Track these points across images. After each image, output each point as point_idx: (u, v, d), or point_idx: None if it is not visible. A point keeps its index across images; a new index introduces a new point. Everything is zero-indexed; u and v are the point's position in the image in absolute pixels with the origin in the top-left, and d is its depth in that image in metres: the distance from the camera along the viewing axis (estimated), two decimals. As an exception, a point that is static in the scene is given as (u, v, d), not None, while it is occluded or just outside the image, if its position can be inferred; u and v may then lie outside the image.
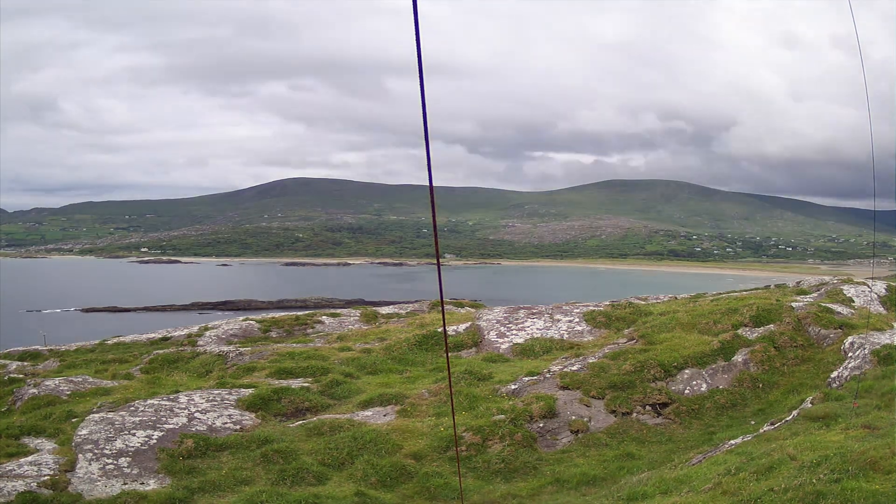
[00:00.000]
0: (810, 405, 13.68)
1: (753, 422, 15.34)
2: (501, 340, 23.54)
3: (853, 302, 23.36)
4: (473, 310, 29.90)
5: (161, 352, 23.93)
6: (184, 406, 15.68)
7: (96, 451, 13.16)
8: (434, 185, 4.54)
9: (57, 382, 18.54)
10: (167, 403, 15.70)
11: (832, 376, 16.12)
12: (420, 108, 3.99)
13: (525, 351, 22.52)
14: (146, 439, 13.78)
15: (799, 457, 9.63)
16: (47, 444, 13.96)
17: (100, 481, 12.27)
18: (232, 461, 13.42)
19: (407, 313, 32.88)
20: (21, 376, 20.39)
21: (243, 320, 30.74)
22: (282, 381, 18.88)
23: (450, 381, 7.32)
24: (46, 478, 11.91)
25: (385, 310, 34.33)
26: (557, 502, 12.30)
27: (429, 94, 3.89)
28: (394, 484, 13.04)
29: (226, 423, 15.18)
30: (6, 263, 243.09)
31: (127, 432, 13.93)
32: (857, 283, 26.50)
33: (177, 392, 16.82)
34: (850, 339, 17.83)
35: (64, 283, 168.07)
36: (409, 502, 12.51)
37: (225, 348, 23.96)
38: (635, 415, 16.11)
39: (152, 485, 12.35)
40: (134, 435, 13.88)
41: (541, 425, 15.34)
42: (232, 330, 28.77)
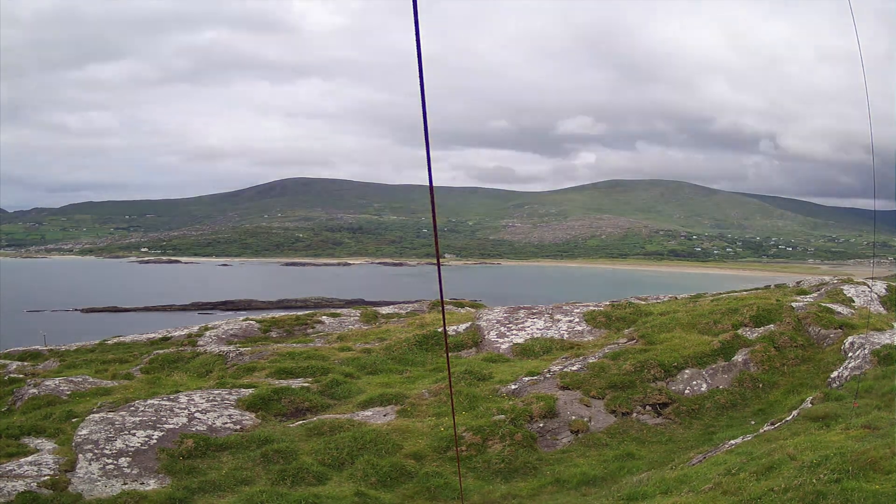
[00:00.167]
0: (810, 405, 13.68)
1: (753, 422, 15.34)
2: (501, 340, 23.54)
3: (853, 302, 23.36)
4: (473, 310, 29.91)
5: (161, 352, 23.95)
6: (184, 406, 15.68)
7: (96, 451, 13.17)
8: (434, 185, 4.56)
9: (57, 382, 18.55)
10: (167, 403, 15.71)
11: (832, 376, 16.12)
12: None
13: (525, 351, 22.52)
14: (146, 439, 13.79)
15: (799, 457, 9.63)
16: (47, 444, 13.96)
17: (100, 481, 12.27)
18: (232, 461, 13.43)
19: (407, 313, 32.89)
20: (21, 376, 20.42)
21: (243, 320, 30.75)
22: (282, 381, 18.89)
23: (450, 381, 7.32)
24: (46, 478, 11.92)
25: (385, 310, 34.35)
26: (558, 502, 12.31)
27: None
28: (394, 484, 13.04)
29: (226, 423, 15.18)
30: (6, 263, 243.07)
31: (127, 432, 13.94)
32: (857, 283, 26.50)
33: (177, 392, 16.82)
34: (850, 339, 17.83)
35: (64, 283, 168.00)
36: (409, 502, 12.51)
37: (225, 348, 23.96)
38: (635, 415, 16.11)
39: (152, 485, 12.36)
40: (134, 435, 13.88)
41: (541, 425, 15.35)
42: (232, 330, 28.78)
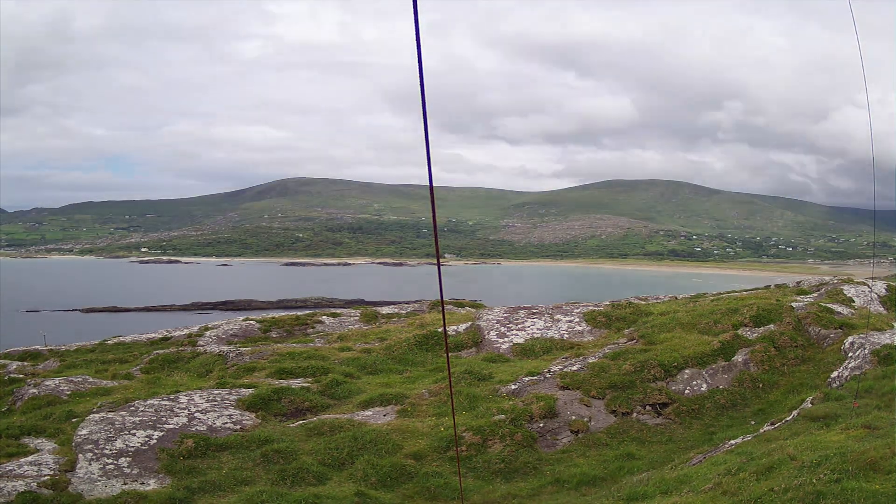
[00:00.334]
0: (810, 405, 13.68)
1: (753, 422, 15.34)
2: (501, 340, 23.54)
3: (853, 302, 23.36)
4: (473, 310, 29.92)
5: (161, 352, 23.95)
6: (184, 406, 15.68)
7: (96, 451, 13.17)
8: (434, 184, 4.56)
9: (57, 382, 18.55)
10: (167, 403, 15.71)
11: (832, 376, 16.12)
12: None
13: (525, 351, 22.53)
14: (146, 439, 13.79)
15: (799, 457, 9.63)
16: (47, 444, 13.96)
17: (100, 481, 12.27)
18: (232, 461, 13.43)
19: (407, 313, 32.91)
20: (21, 376, 20.42)
21: (243, 320, 30.76)
22: (282, 381, 18.89)
23: (450, 381, 7.32)
24: (46, 478, 11.92)
25: (385, 310, 34.37)
26: (558, 502, 12.31)
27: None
28: (394, 484, 13.04)
29: (226, 423, 15.18)
30: (6, 263, 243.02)
31: (127, 432, 13.94)
32: (857, 283, 26.51)
33: (177, 392, 16.82)
34: (850, 339, 17.83)
35: (64, 283, 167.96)
36: (409, 502, 12.51)
37: (225, 348, 23.96)
38: (635, 415, 16.11)
39: (152, 485, 12.36)
40: (134, 435, 13.88)
41: (541, 425, 15.34)
42: (232, 330, 28.79)
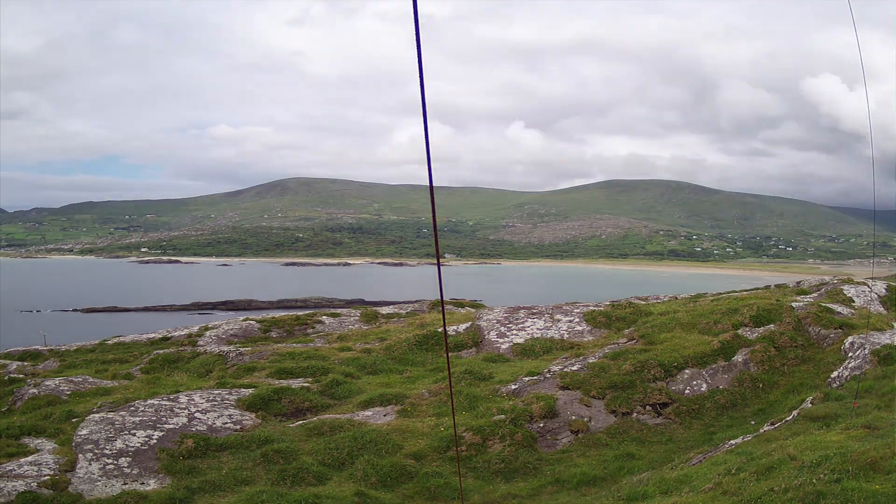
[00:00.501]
0: (810, 405, 13.68)
1: (754, 422, 15.34)
2: (502, 340, 23.54)
3: (853, 302, 23.36)
4: (473, 310, 29.93)
5: (161, 352, 23.96)
6: (184, 406, 15.68)
7: (96, 451, 13.17)
8: (434, 184, 4.56)
9: (57, 382, 18.56)
10: (167, 403, 15.71)
11: (832, 376, 16.11)
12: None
13: (525, 351, 22.53)
14: (146, 439, 13.79)
15: (799, 457, 9.63)
16: (47, 444, 13.96)
17: (100, 481, 12.27)
18: (232, 461, 13.43)
19: (407, 313, 32.92)
20: (21, 376, 20.42)
21: (243, 320, 30.77)
22: (282, 381, 18.89)
23: (450, 381, 7.32)
24: (46, 478, 11.92)
25: (385, 310, 34.38)
26: (558, 502, 12.31)
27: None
28: (394, 484, 13.04)
29: (226, 423, 15.18)
30: (6, 263, 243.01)
31: (127, 432, 13.94)
32: (857, 283, 26.51)
33: (177, 392, 16.82)
34: (850, 339, 17.82)
35: (64, 283, 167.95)
36: (409, 502, 12.51)
37: (225, 348, 23.96)
38: (635, 415, 16.11)
39: (152, 485, 12.36)
40: (134, 435, 13.88)
41: (541, 425, 15.34)
42: (232, 330, 28.80)
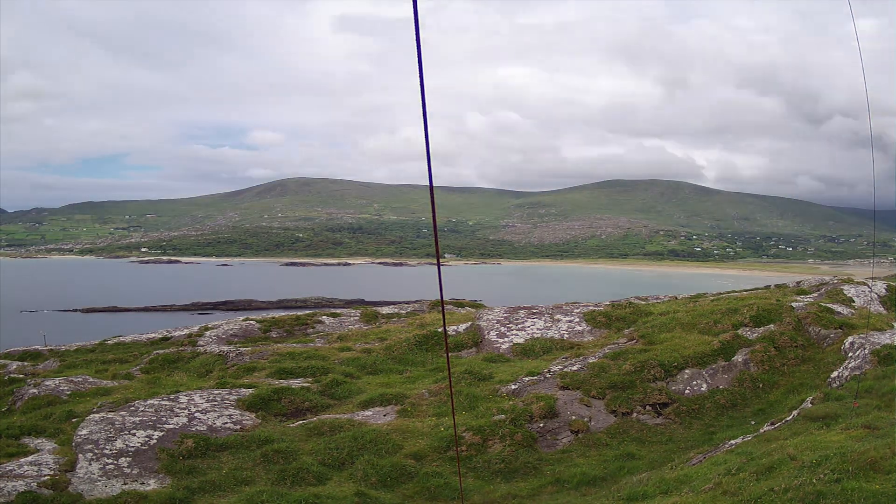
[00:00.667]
0: (810, 405, 13.68)
1: (754, 422, 15.34)
2: (502, 340, 23.54)
3: (853, 302, 23.36)
4: (473, 310, 29.94)
5: (161, 352, 23.96)
6: (184, 406, 15.68)
7: (96, 451, 13.16)
8: (434, 184, 4.56)
9: (57, 382, 18.55)
10: (167, 403, 15.71)
11: (832, 376, 16.11)
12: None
13: (525, 351, 22.53)
14: (146, 439, 13.78)
15: (799, 457, 9.63)
16: (47, 444, 13.96)
17: (100, 481, 12.27)
18: (232, 461, 13.43)
19: (407, 313, 32.93)
20: (21, 376, 20.43)
21: (243, 320, 30.77)
22: (282, 381, 18.89)
23: (450, 381, 7.32)
24: (46, 478, 11.91)
25: (385, 310, 34.39)
26: (558, 502, 12.31)
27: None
28: (394, 484, 13.03)
29: (226, 423, 15.18)
30: (6, 263, 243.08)
31: (127, 432, 13.94)
32: (857, 283, 26.51)
33: (177, 392, 16.82)
34: (850, 339, 17.82)
35: (64, 283, 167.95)
36: (409, 502, 12.51)
37: (225, 348, 23.96)
38: (635, 415, 16.10)
39: (152, 485, 12.36)
40: (134, 435, 13.88)
41: (541, 425, 15.34)
42: (232, 330, 28.80)
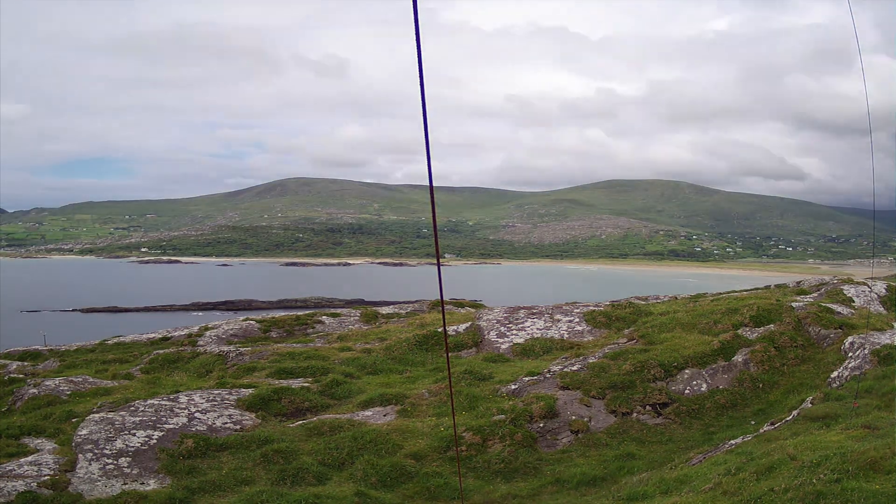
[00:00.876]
0: (810, 405, 13.68)
1: (754, 422, 15.34)
2: (501, 340, 23.54)
3: (853, 302, 23.36)
4: (473, 310, 29.93)
5: (161, 352, 23.96)
6: (184, 406, 15.68)
7: (96, 451, 13.16)
8: (434, 184, 4.56)
9: (57, 382, 18.55)
10: (167, 403, 15.70)
11: (832, 376, 16.11)
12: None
13: (525, 351, 22.53)
14: (146, 439, 13.78)
15: (799, 457, 9.63)
16: (47, 444, 13.96)
17: (100, 481, 12.27)
18: (232, 461, 13.43)
19: (407, 313, 32.93)
20: (21, 376, 20.43)
21: (243, 320, 30.77)
22: (282, 381, 18.89)
23: (450, 381, 7.32)
24: (46, 478, 11.91)
25: (385, 310, 34.39)
26: (558, 502, 12.31)
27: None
28: (394, 484, 13.03)
29: (226, 423, 15.18)
30: (6, 263, 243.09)
31: (127, 432, 13.94)
32: (857, 283, 26.51)
33: (177, 392, 16.82)
34: (850, 339, 17.82)
35: (64, 283, 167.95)
36: (409, 502, 12.51)
37: (225, 348, 23.96)
38: (635, 415, 16.11)
39: (152, 485, 12.36)
40: (134, 435, 13.88)
41: (541, 425, 15.34)
42: (232, 330, 28.80)
